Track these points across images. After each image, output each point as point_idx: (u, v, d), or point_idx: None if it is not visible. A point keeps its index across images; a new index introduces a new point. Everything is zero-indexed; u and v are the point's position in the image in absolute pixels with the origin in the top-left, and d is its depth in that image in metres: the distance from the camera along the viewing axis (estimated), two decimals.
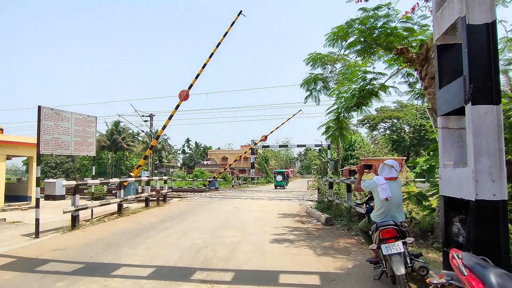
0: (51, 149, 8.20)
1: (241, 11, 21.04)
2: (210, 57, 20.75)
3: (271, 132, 37.05)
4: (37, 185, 7.65)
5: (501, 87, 3.31)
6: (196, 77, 20.55)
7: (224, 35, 20.88)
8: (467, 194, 3.22)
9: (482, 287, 2.23)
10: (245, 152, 43.94)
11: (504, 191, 3.09)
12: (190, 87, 20.32)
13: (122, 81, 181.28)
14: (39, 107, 7.83)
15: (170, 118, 20.91)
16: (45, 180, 18.00)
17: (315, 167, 52.36)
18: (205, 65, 20.71)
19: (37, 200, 7.62)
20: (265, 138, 37.58)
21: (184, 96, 20.02)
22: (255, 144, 41.99)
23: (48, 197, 16.70)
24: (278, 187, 31.61)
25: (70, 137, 8.82)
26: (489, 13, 3.20)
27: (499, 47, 5.14)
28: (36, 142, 7.86)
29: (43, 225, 8.09)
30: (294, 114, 35.87)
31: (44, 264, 5.25)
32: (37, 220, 7.40)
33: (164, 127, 21.89)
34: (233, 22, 20.95)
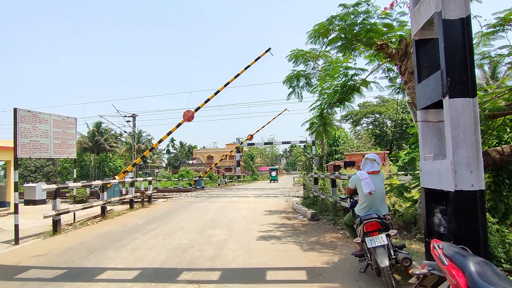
0: (29, 152, 7.96)
1: (269, 48, 20.82)
2: (226, 85, 20.69)
3: (257, 131, 37.59)
4: (15, 190, 7.42)
5: (476, 81, 3.39)
6: (206, 102, 20.66)
7: (246, 68, 20.79)
8: (446, 185, 3.29)
9: (462, 275, 2.29)
10: (230, 151, 43.70)
11: (482, 181, 3.18)
12: (197, 110, 20.32)
13: (103, 82, 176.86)
14: (15, 109, 7.58)
15: (168, 134, 21.05)
16: (24, 185, 17.42)
17: (301, 163, 52.67)
18: (218, 92, 20.74)
19: (16, 205, 7.39)
20: (251, 137, 37.82)
21: (188, 117, 19.97)
22: (241, 143, 41.94)
23: (28, 202, 16.18)
24: (272, 181, 37.63)
25: (49, 139, 8.58)
26: (463, 8, 3.27)
27: (474, 41, 5.28)
28: (13, 145, 7.61)
29: (23, 231, 7.86)
30: (280, 113, 36.28)
31: (24, 271, 5.09)
32: (16, 226, 7.17)
33: (160, 141, 22.28)
34: (258, 57, 20.79)
